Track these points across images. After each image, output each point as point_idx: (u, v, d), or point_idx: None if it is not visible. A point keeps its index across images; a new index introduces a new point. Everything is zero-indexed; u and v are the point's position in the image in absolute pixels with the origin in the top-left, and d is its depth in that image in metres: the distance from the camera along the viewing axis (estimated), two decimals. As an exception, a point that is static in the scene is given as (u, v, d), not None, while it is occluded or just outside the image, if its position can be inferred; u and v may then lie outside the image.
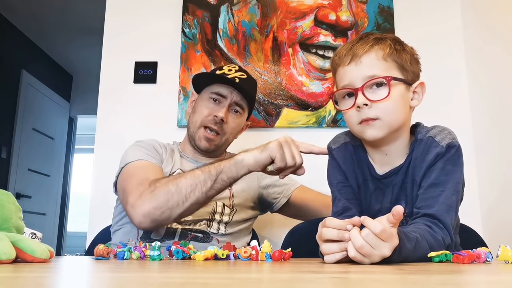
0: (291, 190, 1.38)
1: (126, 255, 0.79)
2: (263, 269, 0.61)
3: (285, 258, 0.79)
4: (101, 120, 1.80)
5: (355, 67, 0.89)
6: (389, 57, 0.89)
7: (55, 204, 4.34)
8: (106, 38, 1.87)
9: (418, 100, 0.93)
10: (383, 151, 0.94)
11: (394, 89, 0.87)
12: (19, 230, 0.68)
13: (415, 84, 0.92)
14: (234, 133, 1.33)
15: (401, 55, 0.90)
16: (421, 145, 0.91)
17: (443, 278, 0.51)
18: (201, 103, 1.32)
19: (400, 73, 0.90)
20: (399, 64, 0.90)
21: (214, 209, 1.24)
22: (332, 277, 0.50)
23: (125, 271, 0.58)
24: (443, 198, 0.86)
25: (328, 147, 1.02)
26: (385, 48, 0.89)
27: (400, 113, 0.89)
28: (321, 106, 1.74)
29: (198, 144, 1.30)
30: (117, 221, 1.27)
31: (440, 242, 0.81)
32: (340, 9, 1.80)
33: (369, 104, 0.87)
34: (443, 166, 0.88)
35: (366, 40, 0.91)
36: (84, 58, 4.33)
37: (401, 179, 0.93)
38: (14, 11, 3.59)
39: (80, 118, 4.93)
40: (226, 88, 1.29)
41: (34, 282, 0.44)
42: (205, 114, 1.29)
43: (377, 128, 0.88)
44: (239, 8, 1.83)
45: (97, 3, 2.71)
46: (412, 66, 0.91)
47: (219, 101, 1.30)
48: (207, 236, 1.22)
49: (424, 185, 0.89)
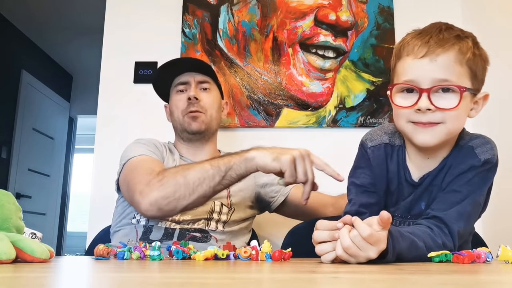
0: (288, 189, 1.38)
1: (126, 255, 0.79)
2: (263, 269, 0.61)
3: (285, 258, 0.79)
4: (101, 120, 1.80)
5: (428, 64, 0.81)
6: (466, 62, 0.81)
7: (55, 204, 4.34)
8: (106, 38, 1.87)
9: (476, 111, 0.87)
10: (426, 154, 0.89)
11: (463, 99, 0.81)
12: (19, 230, 0.68)
13: (480, 95, 0.86)
14: (214, 108, 1.36)
15: (477, 62, 0.83)
16: (460, 153, 0.87)
17: (443, 278, 0.51)
18: (173, 101, 1.37)
19: (470, 81, 0.83)
20: (472, 72, 0.83)
21: (212, 208, 1.24)
22: (332, 277, 0.50)
23: (125, 271, 0.58)
24: (458, 206, 0.84)
25: (363, 143, 0.97)
26: (466, 51, 0.81)
27: (461, 123, 0.84)
28: (321, 106, 1.74)
29: (190, 129, 1.32)
30: (117, 222, 1.28)
31: (439, 245, 0.79)
32: (340, 9, 1.80)
33: (433, 109, 0.81)
34: (471, 178, 0.85)
35: (447, 36, 0.82)
36: (84, 58, 4.33)
37: (430, 181, 0.90)
38: (14, 11, 3.59)
39: (80, 118, 4.93)
40: (184, 75, 1.36)
41: (34, 282, 0.44)
42: (181, 104, 1.34)
43: (433, 135, 0.82)
44: (239, 8, 1.83)
45: (97, 3, 2.71)
46: (482, 74, 0.85)
47: (185, 88, 1.35)
48: (205, 235, 1.21)
49: (446, 189, 0.86)
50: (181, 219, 1.21)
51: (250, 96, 1.76)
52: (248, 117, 1.74)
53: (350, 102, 1.74)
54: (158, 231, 1.20)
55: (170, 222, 1.20)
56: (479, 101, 0.87)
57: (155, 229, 1.20)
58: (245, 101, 1.75)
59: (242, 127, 1.75)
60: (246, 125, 1.74)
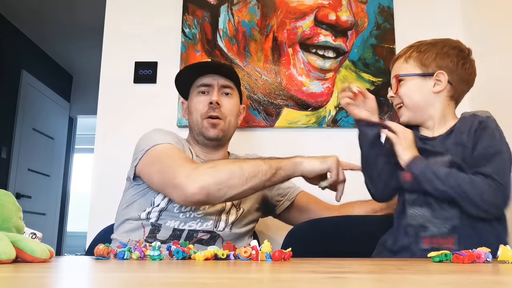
0: (295, 194, 1.40)
1: (126, 255, 0.79)
2: (263, 269, 0.61)
3: (285, 258, 0.79)
4: (101, 120, 1.80)
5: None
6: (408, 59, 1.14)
7: (55, 204, 4.34)
8: (106, 38, 1.87)
9: (440, 86, 1.09)
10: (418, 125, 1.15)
11: (403, 83, 1.13)
12: (19, 230, 0.68)
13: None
14: (233, 114, 1.36)
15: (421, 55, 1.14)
16: (464, 120, 1.07)
17: (443, 278, 0.51)
18: (193, 102, 1.35)
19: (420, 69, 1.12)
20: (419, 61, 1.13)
21: (223, 207, 1.25)
22: (332, 277, 0.50)
23: (125, 271, 0.58)
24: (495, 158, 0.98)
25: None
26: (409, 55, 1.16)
27: (415, 99, 1.12)
28: (321, 106, 1.74)
29: (207, 135, 1.31)
30: (124, 213, 1.25)
31: (471, 188, 0.95)
32: (340, 9, 1.80)
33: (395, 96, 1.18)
34: (491, 133, 1.01)
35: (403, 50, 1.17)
36: (84, 58, 4.33)
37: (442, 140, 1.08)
38: (14, 11, 3.59)
39: (80, 118, 4.93)
40: (208, 77, 1.34)
41: (34, 282, 0.44)
42: (201, 107, 1.32)
43: (400, 114, 1.15)
44: (239, 8, 1.83)
45: (97, 3, 2.70)
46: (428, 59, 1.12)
47: (207, 91, 1.33)
48: (213, 236, 1.21)
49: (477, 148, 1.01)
50: (192, 216, 1.20)
51: (250, 96, 1.76)
52: (248, 117, 1.74)
53: (350, 102, 1.74)
54: (166, 230, 1.19)
55: (179, 222, 1.20)
56: (440, 77, 1.09)
57: (163, 228, 1.19)
58: (245, 101, 1.75)
59: (242, 127, 1.74)
60: (246, 125, 1.74)
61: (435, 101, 1.10)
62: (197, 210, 1.21)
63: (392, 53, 1.74)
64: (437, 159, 1.02)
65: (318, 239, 1.24)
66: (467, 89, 1.15)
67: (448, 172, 0.98)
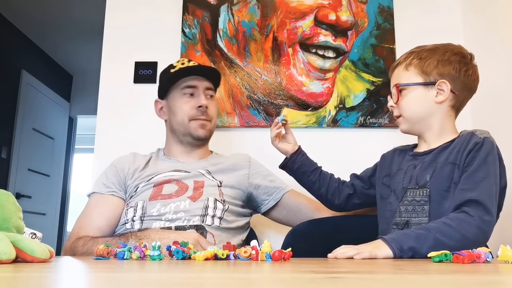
0: (281, 194, 1.39)
1: (126, 255, 0.79)
2: (263, 269, 0.61)
3: (285, 258, 0.79)
4: (101, 120, 1.80)
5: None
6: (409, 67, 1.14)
7: (55, 204, 4.34)
8: (106, 38, 1.87)
9: (443, 96, 1.07)
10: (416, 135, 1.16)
11: (406, 92, 1.12)
12: (19, 230, 0.68)
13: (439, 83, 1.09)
14: (216, 115, 1.42)
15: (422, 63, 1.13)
16: (462, 137, 1.05)
17: (443, 278, 0.51)
18: (177, 102, 1.36)
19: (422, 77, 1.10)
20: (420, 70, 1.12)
21: (205, 204, 1.25)
22: (332, 277, 0.50)
23: (125, 271, 0.58)
24: (483, 183, 0.97)
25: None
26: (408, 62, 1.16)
27: (414, 110, 1.11)
28: (321, 106, 1.74)
29: (196, 135, 1.35)
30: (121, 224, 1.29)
31: (460, 236, 0.92)
32: (340, 9, 1.80)
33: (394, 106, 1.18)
34: (485, 157, 0.99)
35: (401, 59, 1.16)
36: (84, 58, 4.33)
37: (433, 157, 1.07)
38: (14, 11, 3.59)
39: (80, 118, 4.93)
40: (193, 79, 1.36)
41: (34, 282, 0.44)
42: (188, 109, 1.35)
43: (399, 124, 1.16)
44: (239, 8, 1.83)
45: (97, 3, 2.71)
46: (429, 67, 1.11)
47: (193, 92, 1.36)
48: (202, 231, 1.21)
49: (465, 172, 1.00)
50: (175, 217, 1.21)
51: (250, 96, 1.76)
52: (248, 117, 1.74)
53: (350, 102, 1.74)
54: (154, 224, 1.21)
55: (164, 222, 1.20)
56: (443, 87, 1.07)
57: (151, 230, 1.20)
58: (245, 101, 1.75)
59: (242, 127, 1.75)
60: (246, 125, 1.74)
61: (436, 111, 1.09)
62: (178, 212, 1.22)
63: (392, 53, 1.74)
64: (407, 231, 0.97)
65: (319, 238, 1.24)
66: (470, 96, 1.12)
67: (424, 232, 0.93)
